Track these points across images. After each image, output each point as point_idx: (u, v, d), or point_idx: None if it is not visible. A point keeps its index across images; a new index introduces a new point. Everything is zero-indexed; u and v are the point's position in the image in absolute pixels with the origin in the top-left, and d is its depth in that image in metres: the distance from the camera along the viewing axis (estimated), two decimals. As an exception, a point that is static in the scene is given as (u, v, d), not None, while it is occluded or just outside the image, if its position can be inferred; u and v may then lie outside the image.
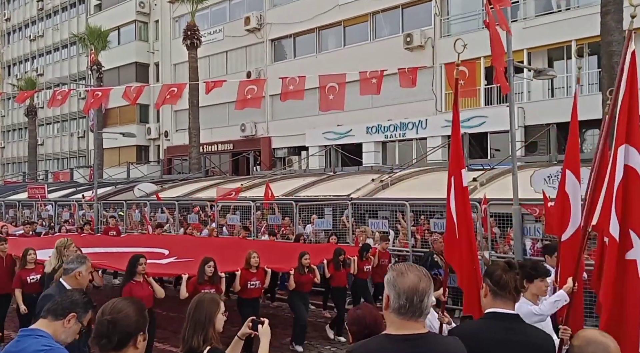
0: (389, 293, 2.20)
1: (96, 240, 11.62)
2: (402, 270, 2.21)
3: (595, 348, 2.33)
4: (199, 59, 28.10)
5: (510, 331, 2.54)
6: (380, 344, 2.19)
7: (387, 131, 24.39)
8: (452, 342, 2.26)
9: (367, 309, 3.22)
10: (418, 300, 2.14)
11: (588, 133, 20.43)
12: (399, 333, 2.16)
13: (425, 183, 14.41)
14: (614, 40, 15.08)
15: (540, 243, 9.44)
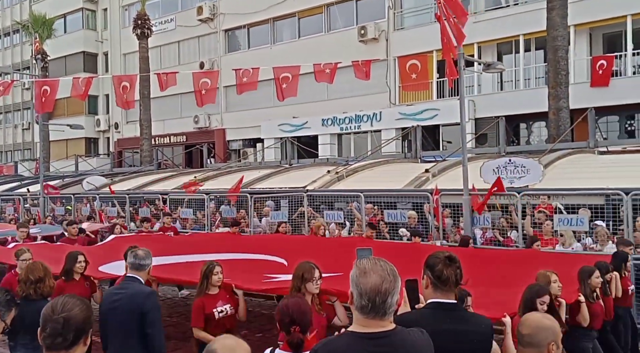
0: (353, 291, 2.18)
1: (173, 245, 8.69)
2: (365, 269, 2.16)
3: (545, 334, 2.41)
4: (150, 49, 27.39)
5: (451, 320, 2.59)
6: (345, 342, 2.18)
7: (343, 123, 24.51)
8: (418, 336, 2.25)
9: (293, 300, 3.23)
10: (380, 300, 2.11)
11: (535, 125, 21.15)
12: (364, 332, 2.15)
13: (380, 175, 14.60)
14: (559, 35, 15.62)
15: (489, 233, 9.70)
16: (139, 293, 4.06)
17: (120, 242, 8.26)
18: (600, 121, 18.74)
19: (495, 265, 5.96)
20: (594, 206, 9.09)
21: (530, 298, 4.14)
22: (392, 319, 2.19)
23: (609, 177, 10.28)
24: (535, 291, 4.21)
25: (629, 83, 18.41)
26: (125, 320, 3.94)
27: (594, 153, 13.97)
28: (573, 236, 8.32)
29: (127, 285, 4.18)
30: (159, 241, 8.84)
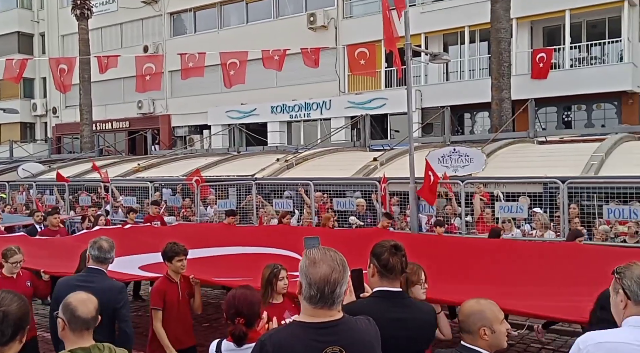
0: (302, 281, 2.16)
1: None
2: (315, 259, 2.15)
3: (474, 319, 2.42)
4: (91, 31, 26.22)
5: (399, 308, 2.62)
6: (292, 332, 2.16)
7: (292, 110, 24.39)
8: (365, 325, 2.25)
9: (240, 291, 3.19)
10: (329, 290, 2.10)
11: (478, 115, 21.76)
12: (311, 321, 2.14)
13: (330, 163, 14.65)
14: (502, 28, 16.06)
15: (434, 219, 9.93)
16: (111, 288, 4.01)
17: (131, 234, 7.56)
18: (540, 112, 19.48)
19: (536, 260, 5.18)
20: (533, 193, 9.45)
21: None
22: (340, 308, 2.19)
23: (547, 166, 10.70)
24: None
25: (566, 76, 19.19)
26: None
27: (533, 142, 14.51)
28: (513, 223, 8.62)
29: (92, 277, 4.03)
30: (170, 234, 7.61)
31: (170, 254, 4.67)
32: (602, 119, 19.51)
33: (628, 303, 2.15)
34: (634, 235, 7.46)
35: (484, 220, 8.92)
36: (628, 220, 7.68)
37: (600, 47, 19.86)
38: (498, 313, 2.47)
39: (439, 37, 22.14)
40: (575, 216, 8.40)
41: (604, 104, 19.47)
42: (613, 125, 17.41)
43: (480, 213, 9.07)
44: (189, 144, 25.60)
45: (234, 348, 3.05)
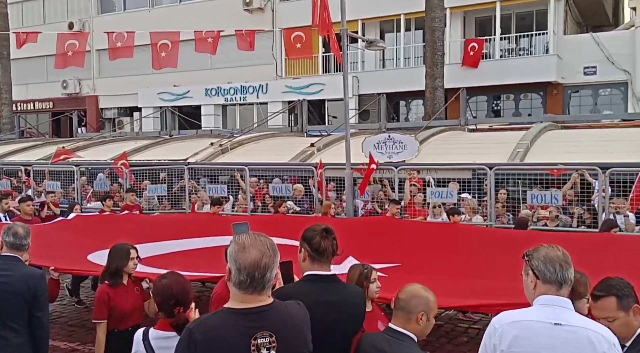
0: (231, 266, 2.13)
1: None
2: (244, 244, 2.12)
3: (417, 302, 2.51)
4: (10, 5, 24.44)
5: (329, 291, 2.62)
6: (221, 319, 2.12)
7: (228, 94, 23.92)
8: (295, 309, 2.24)
9: (173, 278, 3.07)
10: (259, 275, 2.09)
11: (413, 103, 22.19)
12: (241, 307, 2.11)
13: (266, 148, 14.50)
14: (436, 17, 16.36)
15: (370, 205, 10.04)
16: (30, 275, 3.83)
17: (115, 222, 6.86)
18: (471, 101, 20.12)
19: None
20: (462, 179, 9.75)
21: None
22: (270, 294, 2.17)
23: (476, 153, 11.06)
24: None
25: (496, 66, 19.88)
26: (14, 302, 3.70)
27: (464, 130, 14.95)
28: (443, 208, 8.85)
29: (8, 265, 3.81)
30: (151, 224, 7.31)
31: None
32: (529, 108, 20.40)
33: (537, 283, 2.24)
34: (555, 219, 7.84)
35: (414, 205, 9.10)
36: (549, 205, 8.06)
37: (528, 39, 20.69)
38: (436, 306, 2.58)
39: (376, 24, 22.31)
40: (502, 201, 8.73)
41: (530, 94, 20.35)
42: (539, 114, 18.25)
43: (410, 199, 9.24)
44: (118, 127, 24.62)
45: (164, 336, 2.92)
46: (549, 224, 7.87)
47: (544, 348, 2.11)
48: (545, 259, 2.22)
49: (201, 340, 2.05)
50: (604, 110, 18.93)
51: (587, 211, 8.14)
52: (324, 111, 22.56)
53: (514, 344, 2.15)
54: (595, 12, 22.80)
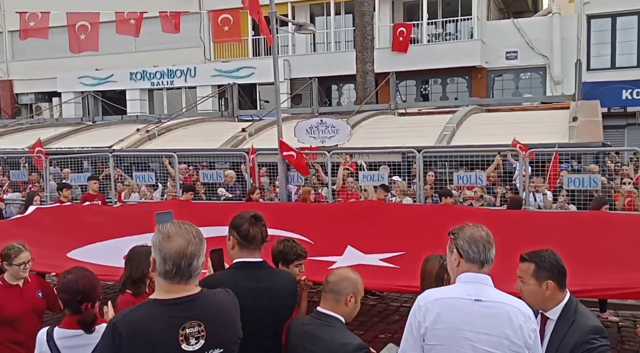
0: (155, 257, 2.08)
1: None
2: (169, 233, 2.07)
3: (347, 284, 2.56)
4: None
5: (257, 278, 2.62)
6: (146, 311, 2.06)
7: (154, 78, 23.09)
8: (224, 297, 2.21)
9: (79, 272, 2.93)
10: (186, 264, 2.04)
11: (345, 87, 22.32)
12: (167, 298, 2.06)
13: (196, 133, 14.19)
14: (365, 1, 16.48)
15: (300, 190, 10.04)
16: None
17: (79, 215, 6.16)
18: (401, 85, 20.50)
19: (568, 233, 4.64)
20: (393, 163, 9.94)
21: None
22: (197, 283, 2.14)
23: (405, 136, 11.30)
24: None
25: (424, 50, 20.31)
26: None
27: (394, 114, 15.24)
28: (374, 191, 8.99)
29: None
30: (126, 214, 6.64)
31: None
32: (456, 92, 21.05)
33: (461, 261, 2.32)
34: (480, 199, 8.15)
35: (345, 189, 9.20)
36: (474, 186, 8.37)
37: (454, 24, 21.26)
38: (363, 288, 2.64)
39: (306, 7, 22.16)
40: (430, 182, 8.98)
41: (457, 78, 20.98)
42: (465, 98, 18.86)
43: (342, 183, 9.33)
44: (36, 113, 23.19)
45: (70, 335, 2.76)
46: (474, 204, 8.18)
47: (465, 323, 2.19)
48: (470, 239, 2.29)
49: (125, 334, 1.99)
50: (525, 93, 19.86)
51: (509, 190, 8.52)
52: (256, 95, 22.28)
53: (437, 321, 2.22)
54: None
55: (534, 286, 2.40)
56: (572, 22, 19.14)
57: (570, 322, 2.29)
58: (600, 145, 9.70)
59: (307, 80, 17.90)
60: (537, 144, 9.01)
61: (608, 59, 19.12)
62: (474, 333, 2.18)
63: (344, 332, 2.51)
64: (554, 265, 2.38)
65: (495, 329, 2.17)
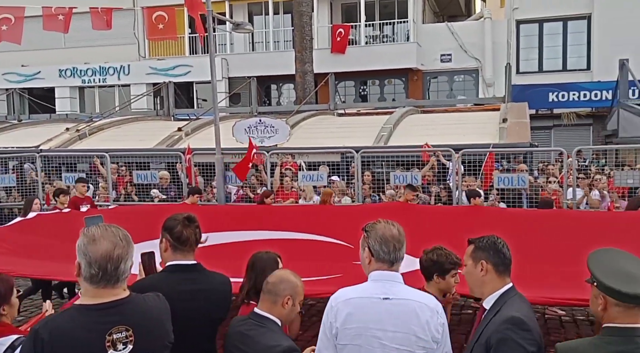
0: (80, 261, 2.01)
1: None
2: (94, 236, 2.02)
3: (286, 286, 2.57)
4: None
5: (191, 281, 2.58)
6: (71, 317, 1.99)
7: (85, 75, 22.18)
8: (154, 301, 2.18)
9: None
10: (112, 267, 2.00)
11: (284, 87, 22.27)
12: (93, 303, 2.00)
13: (129, 133, 13.77)
14: (303, 1, 16.51)
15: (242, 191, 9.91)
16: None
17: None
18: (340, 86, 20.67)
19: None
20: (332, 162, 10.01)
21: None
22: (125, 287, 2.09)
23: (344, 137, 11.40)
24: None
25: (362, 52, 20.58)
26: None
27: (333, 114, 15.35)
28: (313, 190, 9.02)
29: None
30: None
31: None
32: (393, 93, 21.46)
33: (371, 259, 2.35)
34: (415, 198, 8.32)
35: (283, 189, 9.17)
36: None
37: (391, 27, 21.67)
38: (302, 292, 2.65)
39: (244, 6, 21.94)
40: (368, 182, 9.10)
41: (394, 79, 21.40)
42: (401, 99, 19.24)
43: (280, 184, 9.30)
44: (-44, 111, 21.73)
45: None
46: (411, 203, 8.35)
47: (373, 322, 2.22)
48: (381, 240, 2.32)
49: (48, 340, 1.91)
50: (459, 95, 20.53)
51: (443, 189, 8.77)
52: (192, 93, 21.84)
53: (347, 321, 2.24)
54: (450, 2, 24.51)
55: (470, 267, 2.43)
56: (503, 26, 19.96)
57: (495, 311, 2.30)
58: (528, 145, 10.15)
59: (246, 79, 17.72)
60: (469, 144, 9.32)
61: (536, 62, 20.10)
62: (382, 332, 2.21)
63: (276, 334, 2.50)
64: (491, 247, 2.39)
65: (402, 326, 2.21)
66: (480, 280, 2.39)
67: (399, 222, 2.79)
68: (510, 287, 2.38)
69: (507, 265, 2.39)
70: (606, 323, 2.04)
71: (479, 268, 2.38)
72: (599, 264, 2.08)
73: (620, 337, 1.98)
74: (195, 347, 2.54)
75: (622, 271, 2.02)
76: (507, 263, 2.39)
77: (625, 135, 12.92)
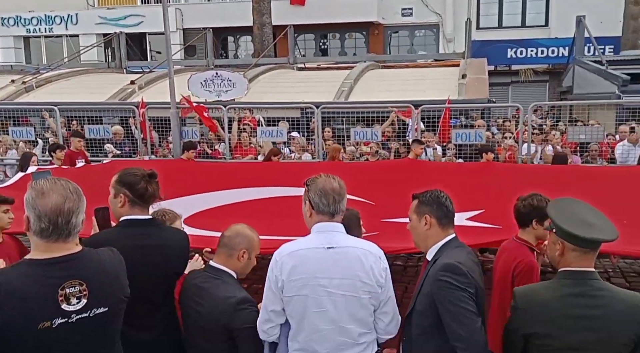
0: (29, 215, 1.96)
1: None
2: (43, 189, 1.96)
3: (241, 240, 2.59)
4: None
5: (147, 236, 2.55)
6: (20, 271, 1.93)
7: (30, 24, 21.01)
8: (108, 256, 2.13)
9: None
10: (63, 221, 1.95)
11: (242, 39, 21.65)
12: (44, 257, 1.95)
13: (79, 86, 13.26)
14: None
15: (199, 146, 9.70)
16: None
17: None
18: (299, 39, 20.22)
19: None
20: (291, 118, 9.86)
21: None
22: (77, 241, 2.05)
23: (304, 92, 11.23)
24: None
25: (322, 4, 20.09)
26: None
27: (293, 68, 15.06)
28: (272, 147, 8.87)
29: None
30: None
31: None
32: (354, 48, 21.19)
33: (312, 212, 2.39)
34: (375, 154, 8.34)
35: (240, 145, 9.00)
36: (370, 141, 8.53)
37: (352, -21, 21.16)
38: (259, 246, 2.68)
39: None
40: (328, 138, 9.02)
41: (355, 33, 21.09)
42: (362, 54, 19.03)
43: (237, 139, 9.12)
44: None
45: None
46: (370, 159, 8.35)
47: (318, 271, 2.26)
48: (320, 192, 2.35)
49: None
50: (419, 50, 20.45)
51: (402, 145, 8.78)
52: (145, 45, 21.00)
53: (292, 273, 2.27)
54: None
55: (415, 222, 2.48)
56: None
57: (435, 261, 2.37)
58: (486, 102, 10.24)
59: (202, 30, 17.09)
60: (428, 100, 9.32)
61: (496, 18, 20.14)
62: (328, 280, 2.25)
63: (231, 286, 2.52)
64: (434, 201, 2.44)
65: (347, 273, 2.25)
66: (424, 234, 2.45)
67: (412, 178, 2.79)
68: (452, 238, 2.44)
69: (450, 218, 2.45)
70: (562, 267, 2.16)
71: (423, 222, 2.44)
72: (558, 212, 2.19)
73: (575, 280, 2.11)
74: (151, 302, 2.52)
75: (579, 219, 2.14)
76: (451, 216, 2.45)
77: (580, 92, 13.21)
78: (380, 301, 2.32)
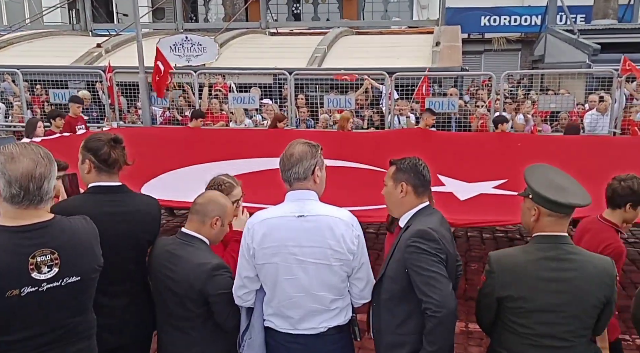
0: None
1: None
2: (13, 154, 1.91)
3: (214, 207, 2.55)
4: None
5: (117, 203, 2.51)
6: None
7: (-13, -18, 19.94)
8: (80, 224, 2.10)
9: None
10: (35, 187, 1.91)
11: (212, 2, 21.07)
12: (15, 225, 1.91)
13: (43, 49, 12.83)
14: None
15: (169, 112, 9.48)
16: None
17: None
18: (271, 3, 19.76)
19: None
20: (264, 84, 9.70)
21: None
22: (48, 208, 2.02)
23: (276, 58, 11.03)
24: None
25: (295, -33, 19.67)
26: None
27: (265, 33, 14.76)
28: (244, 113, 8.75)
29: None
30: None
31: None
32: (327, 13, 20.86)
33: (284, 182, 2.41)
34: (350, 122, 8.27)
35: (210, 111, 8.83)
36: (344, 109, 8.46)
37: (326, -59, 20.68)
38: (232, 213, 2.66)
39: None
40: (301, 105, 8.92)
41: (328, -2, 20.74)
42: (336, 19, 18.77)
43: (208, 106, 8.94)
44: None
45: None
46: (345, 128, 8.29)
47: (289, 239, 2.26)
48: (281, 160, 2.35)
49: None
50: (393, 17, 20.25)
51: (375, 113, 8.76)
52: (112, 7, 20.27)
53: (263, 241, 2.28)
54: None
55: (391, 188, 2.47)
56: (439, -54, 19.52)
57: (407, 227, 2.38)
58: (459, 70, 10.25)
59: (171, -8, 16.57)
60: (402, 68, 9.27)
61: (470, -15, 20.01)
62: (298, 248, 2.26)
63: (205, 252, 2.50)
64: (412, 169, 2.43)
65: (318, 241, 2.26)
66: (399, 201, 2.44)
67: (425, 148, 2.65)
68: (426, 206, 2.44)
69: (426, 187, 2.45)
70: (536, 232, 2.21)
71: (398, 189, 2.43)
72: (534, 178, 2.22)
73: (549, 244, 2.16)
74: (121, 269, 2.49)
75: (554, 184, 2.18)
76: (427, 184, 2.45)
77: (551, 60, 13.33)
78: (353, 268, 2.33)
